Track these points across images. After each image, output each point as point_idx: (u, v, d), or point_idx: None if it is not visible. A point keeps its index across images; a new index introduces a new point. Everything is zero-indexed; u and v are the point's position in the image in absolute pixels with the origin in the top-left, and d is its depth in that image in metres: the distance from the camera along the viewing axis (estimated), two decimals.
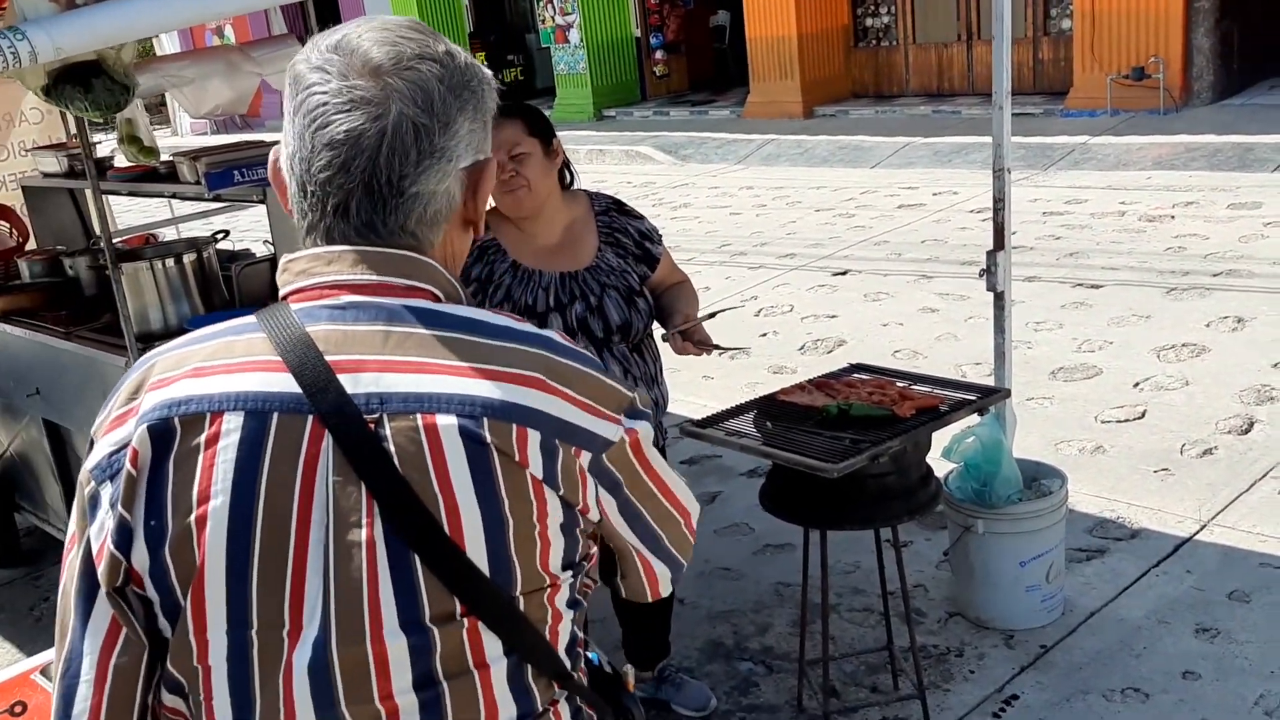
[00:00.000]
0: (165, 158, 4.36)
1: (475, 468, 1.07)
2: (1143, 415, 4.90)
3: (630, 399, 1.18)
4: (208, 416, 1.09)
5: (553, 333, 1.18)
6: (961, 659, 3.42)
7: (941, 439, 3.15)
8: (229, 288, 3.94)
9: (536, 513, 1.10)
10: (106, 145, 6.62)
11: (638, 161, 13.64)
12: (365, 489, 1.07)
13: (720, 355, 2.99)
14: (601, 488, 1.16)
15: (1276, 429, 4.60)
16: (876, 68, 14.35)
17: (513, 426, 1.08)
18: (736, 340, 6.12)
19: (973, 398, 3.00)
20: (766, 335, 6.69)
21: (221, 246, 4.29)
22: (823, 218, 9.52)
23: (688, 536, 1.34)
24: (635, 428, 1.18)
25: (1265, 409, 4.79)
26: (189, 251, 3.90)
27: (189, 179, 3.85)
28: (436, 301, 1.15)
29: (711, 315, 3.01)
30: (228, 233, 4.37)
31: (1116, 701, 3.15)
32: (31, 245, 5.23)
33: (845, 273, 7.76)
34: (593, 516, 1.17)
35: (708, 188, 11.59)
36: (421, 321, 1.11)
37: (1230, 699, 3.10)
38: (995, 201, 3.47)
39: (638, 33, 17.08)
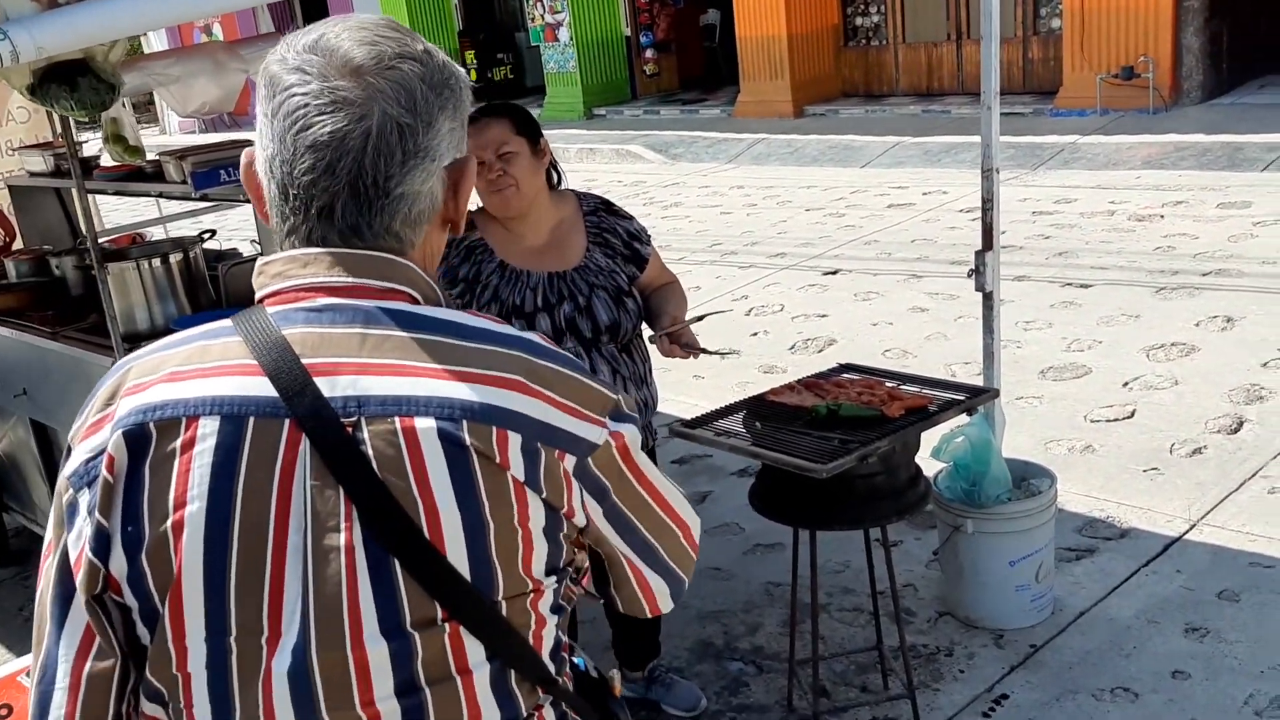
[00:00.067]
0: (152, 157, 4.34)
1: (455, 471, 1.06)
2: (1132, 415, 4.91)
3: (615, 401, 1.17)
4: (183, 421, 1.07)
5: (534, 335, 1.17)
6: (951, 658, 3.42)
7: (931, 439, 3.15)
8: (215, 288, 3.92)
9: (518, 516, 1.09)
10: (93, 144, 6.58)
11: (628, 160, 13.63)
12: (343, 493, 1.05)
13: (710, 356, 2.99)
14: (587, 492, 1.14)
15: (1266, 428, 4.61)
16: (866, 67, 14.36)
17: (493, 429, 1.07)
18: (727, 340, 6.11)
19: (961, 398, 3.00)
20: (757, 335, 6.69)
21: (208, 246, 4.26)
22: (813, 217, 9.52)
23: (688, 551, 1.31)
24: (621, 431, 1.16)
25: (1254, 408, 4.80)
26: (175, 251, 3.88)
27: (175, 178, 3.83)
28: (414, 304, 1.14)
29: (699, 318, 3.01)
30: (214, 232, 4.35)
31: (1106, 701, 3.15)
32: (18, 245, 5.22)
33: (835, 272, 7.76)
34: (578, 521, 1.15)
35: (698, 187, 11.58)
36: (399, 324, 1.10)
37: (1220, 698, 3.10)
38: (984, 202, 3.46)
39: (628, 31, 17.07)
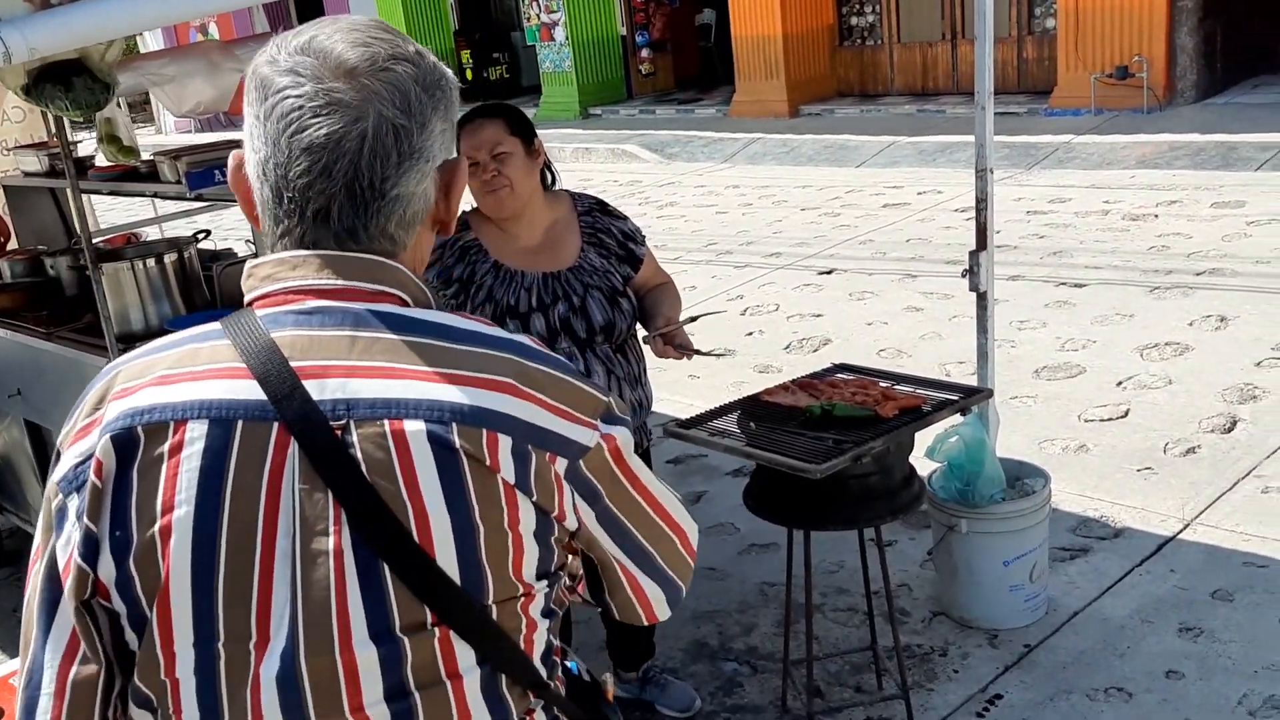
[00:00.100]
0: (147, 157, 4.33)
1: (444, 474, 1.06)
2: (1126, 414, 4.91)
3: (606, 404, 1.16)
4: (171, 425, 1.07)
5: (525, 337, 1.17)
6: (945, 659, 3.43)
7: (925, 438, 3.15)
8: (210, 288, 3.91)
9: (508, 519, 1.08)
10: (89, 144, 6.57)
11: (624, 160, 13.62)
12: (332, 497, 1.05)
13: (705, 356, 2.99)
14: (579, 496, 1.14)
15: (1259, 427, 4.62)
16: (861, 67, 14.36)
17: (483, 432, 1.07)
18: (722, 339, 6.11)
19: (955, 398, 3.00)
20: (752, 334, 6.69)
21: (203, 246, 4.26)
22: (808, 217, 9.52)
23: (685, 557, 1.30)
24: (613, 433, 1.16)
25: (1248, 407, 4.81)
26: (170, 251, 3.88)
27: (169, 178, 3.82)
28: (404, 306, 1.13)
29: (693, 319, 3.01)
30: (209, 232, 4.35)
31: (1100, 701, 3.15)
32: (13, 245, 5.21)
33: (830, 272, 7.77)
34: (569, 524, 1.15)
35: (694, 186, 11.58)
36: (389, 326, 1.10)
37: (1213, 698, 3.10)
38: (978, 202, 3.47)
39: (623, 31, 17.06)
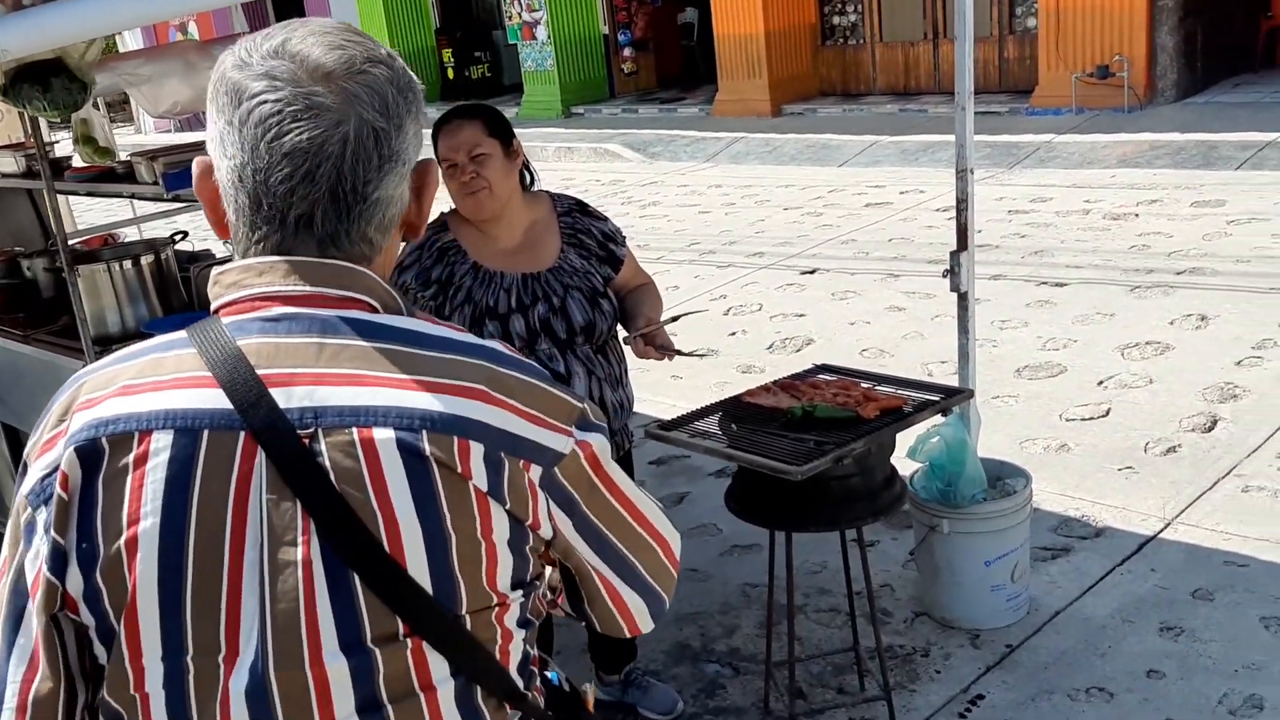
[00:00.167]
0: (123, 157, 4.30)
1: (415, 482, 1.04)
2: (1107, 413, 4.92)
3: (581, 409, 1.15)
4: (136, 435, 1.05)
5: (497, 343, 1.15)
6: (928, 659, 3.42)
7: (906, 439, 3.15)
8: (188, 290, 3.88)
9: (481, 528, 1.07)
10: (66, 144, 6.52)
11: (606, 159, 13.61)
12: (300, 506, 1.03)
13: (686, 357, 2.98)
14: (555, 504, 1.12)
15: (1240, 426, 4.64)
16: (844, 66, 14.39)
17: (454, 439, 1.05)
18: (705, 339, 6.11)
19: (936, 398, 3.00)
20: (735, 334, 6.69)
21: (180, 247, 4.23)
22: (791, 216, 9.53)
23: (667, 567, 1.28)
24: (589, 440, 1.15)
25: (1228, 406, 4.83)
26: (146, 253, 3.85)
27: (146, 179, 3.79)
28: (373, 312, 1.12)
29: (675, 319, 3.00)
30: (186, 234, 4.31)
31: (1081, 701, 3.15)
32: None
33: (813, 271, 7.77)
34: (544, 533, 1.13)
35: (676, 186, 11.58)
36: (357, 333, 1.08)
37: (1194, 697, 3.11)
38: (959, 202, 3.46)
39: (605, 30, 17.04)
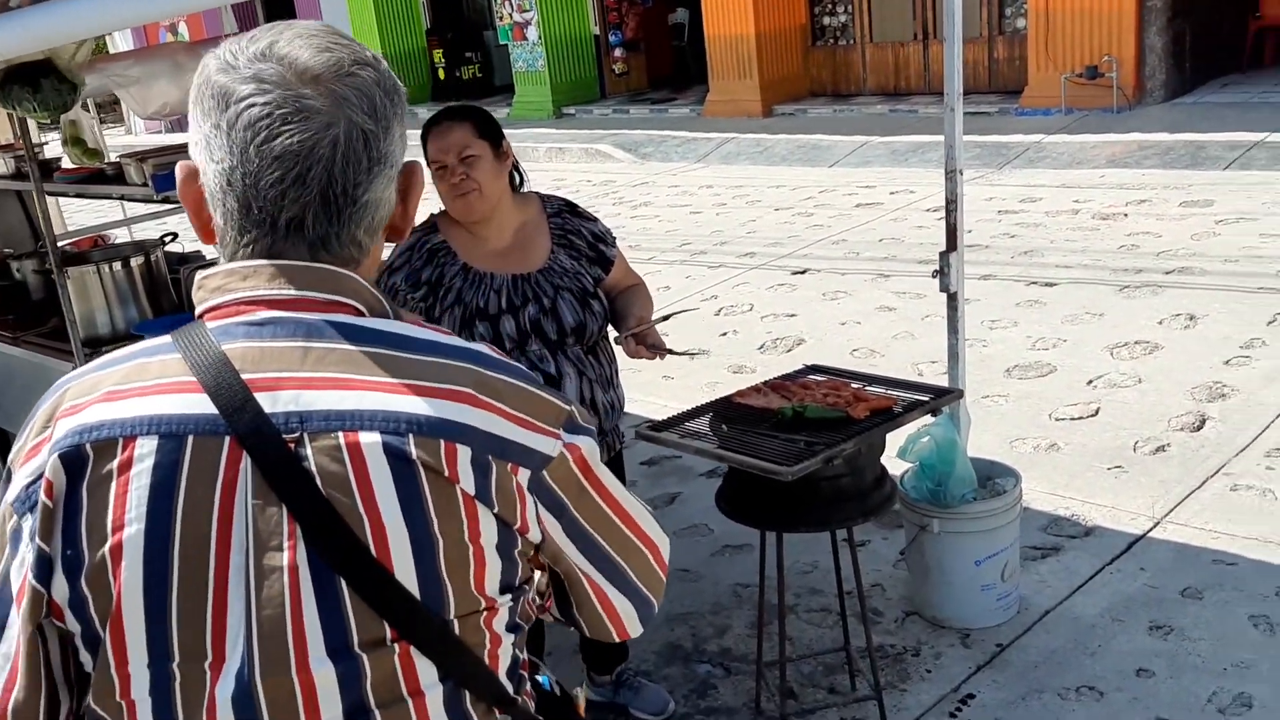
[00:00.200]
0: (114, 158, 4.29)
1: (401, 486, 1.04)
2: (1096, 413, 4.94)
3: (569, 412, 1.15)
4: (120, 441, 1.05)
5: (483, 346, 1.15)
6: (918, 658, 3.43)
7: (897, 439, 3.15)
8: (178, 291, 3.88)
9: (468, 531, 1.06)
10: (55, 146, 6.51)
11: (597, 160, 13.60)
12: (286, 511, 1.03)
13: (678, 357, 2.98)
14: (543, 507, 1.12)
15: (1228, 425, 4.65)
16: (834, 66, 14.39)
17: (440, 442, 1.05)
18: (696, 340, 6.11)
19: (926, 399, 3.00)
20: (726, 334, 6.69)
21: (171, 249, 4.22)
22: (782, 216, 9.53)
23: (657, 571, 1.28)
24: (577, 443, 1.15)
25: (1217, 406, 4.84)
26: (136, 255, 3.85)
27: (136, 180, 3.79)
28: (359, 316, 1.11)
29: (666, 318, 3.00)
30: (176, 235, 4.31)
31: (1071, 700, 3.16)
32: None
33: (804, 271, 7.78)
34: (533, 537, 1.13)
35: (668, 186, 11.58)
36: (343, 337, 1.08)
37: (1184, 696, 3.12)
38: (948, 203, 3.47)
39: (596, 30, 17.03)
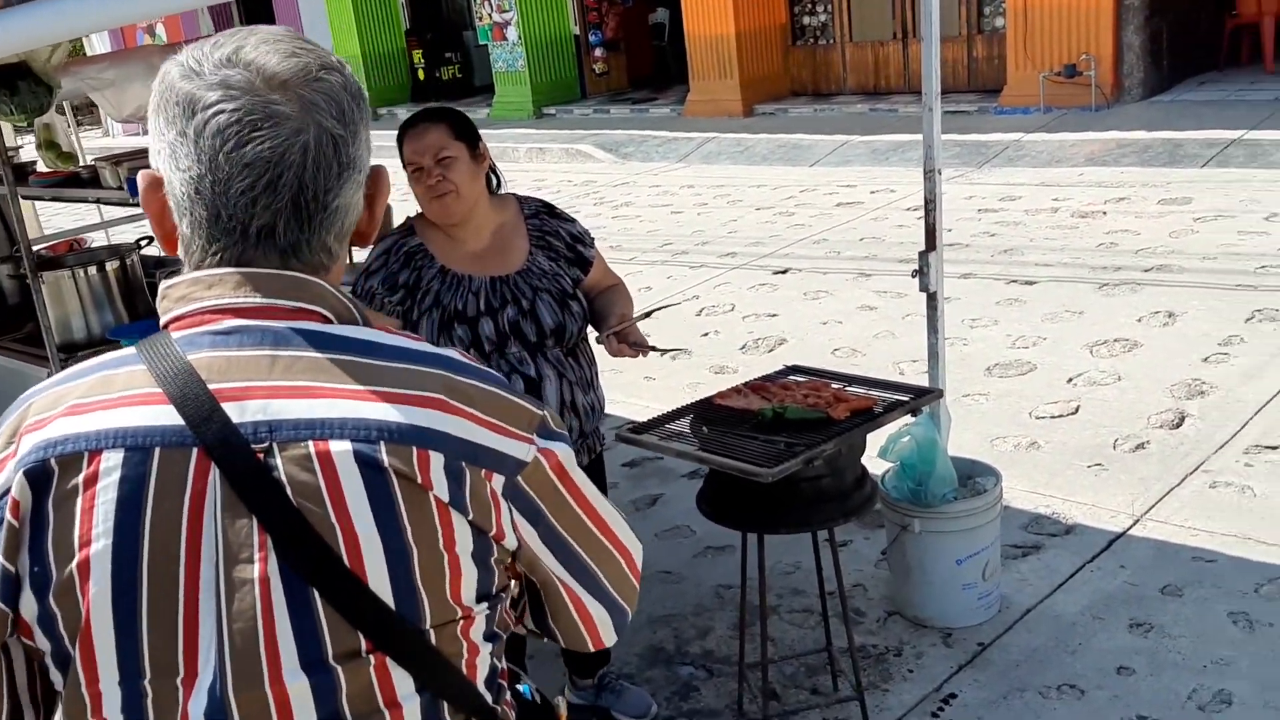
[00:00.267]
0: (89, 161, 4.26)
1: (374, 495, 1.02)
2: (1076, 411, 4.96)
3: (541, 416, 1.14)
4: (85, 455, 1.03)
5: (453, 351, 1.14)
6: (900, 658, 3.43)
7: (877, 439, 3.16)
8: (154, 296, 3.85)
9: (443, 540, 1.05)
10: (30, 150, 6.46)
11: (578, 160, 13.59)
12: (256, 522, 1.02)
13: (661, 356, 2.97)
14: (519, 513, 1.11)
15: (1207, 423, 4.68)
16: (814, 66, 14.42)
17: (413, 450, 1.04)
18: (677, 339, 6.11)
19: (906, 398, 3.00)
20: (708, 335, 6.69)
21: (147, 253, 4.19)
22: (763, 216, 9.54)
23: (629, 578, 1.27)
24: (552, 448, 1.14)
25: (1196, 403, 4.86)
26: (111, 259, 3.82)
27: (111, 184, 3.76)
28: (326, 323, 1.10)
29: (647, 314, 2.99)
30: (153, 238, 4.27)
31: (1053, 698, 3.17)
32: None
33: (785, 271, 7.78)
34: (509, 544, 1.12)
35: (649, 186, 11.57)
36: (311, 344, 1.07)
37: (1164, 694, 3.13)
38: (926, 203, 3.48)
39: (576, 30, 17.02)
